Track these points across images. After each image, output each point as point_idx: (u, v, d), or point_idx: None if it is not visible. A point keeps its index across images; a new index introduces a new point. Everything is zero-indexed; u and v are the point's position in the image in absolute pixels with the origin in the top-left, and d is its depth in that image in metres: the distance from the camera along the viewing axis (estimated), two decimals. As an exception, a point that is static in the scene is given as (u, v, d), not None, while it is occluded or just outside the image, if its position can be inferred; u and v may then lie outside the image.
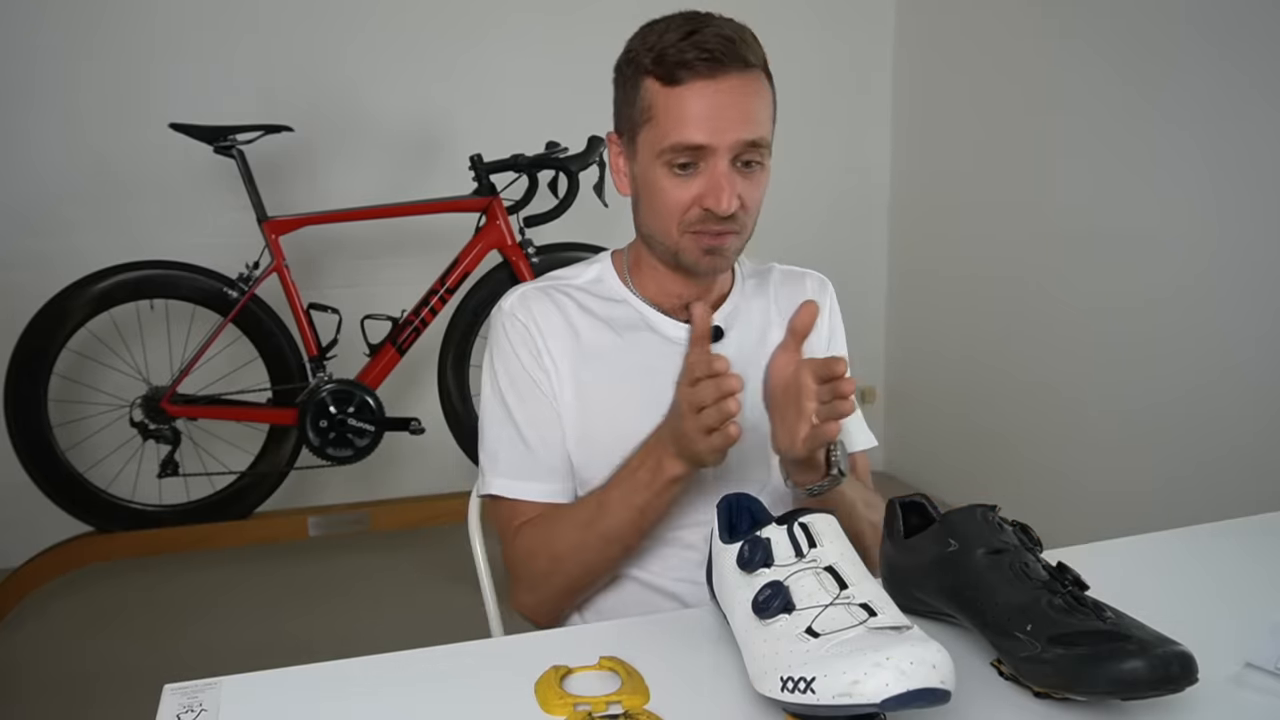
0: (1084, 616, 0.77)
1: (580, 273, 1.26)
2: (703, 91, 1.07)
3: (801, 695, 0.70)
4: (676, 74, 1.07)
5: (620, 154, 1.19)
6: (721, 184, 1.08)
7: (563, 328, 1.20)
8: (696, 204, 1.10)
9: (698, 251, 1.13)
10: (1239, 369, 2.34)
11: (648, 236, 1.18)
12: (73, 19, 2.82)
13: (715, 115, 1.07)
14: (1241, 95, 2.32)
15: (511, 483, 1.19)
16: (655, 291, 1.23)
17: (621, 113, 1.17)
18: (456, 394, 2.86)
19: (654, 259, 1.21)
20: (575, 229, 2.81)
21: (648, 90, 1.11)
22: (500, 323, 1.21)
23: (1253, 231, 2.31)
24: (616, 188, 1.22)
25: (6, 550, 2.75)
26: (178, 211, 2.95)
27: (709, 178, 1.09)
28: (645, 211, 1.16)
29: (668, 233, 1.14)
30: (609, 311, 1.22)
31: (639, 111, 1.12)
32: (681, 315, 1.22)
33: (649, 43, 1.11)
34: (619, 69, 1.17)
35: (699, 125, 1.07)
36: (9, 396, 2.61)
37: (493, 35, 3.13)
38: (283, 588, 2.83)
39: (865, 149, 3.57)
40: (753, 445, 1.21)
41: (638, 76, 1.12)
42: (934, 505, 0.96)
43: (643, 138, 1.12)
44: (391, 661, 0.87)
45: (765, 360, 1.23)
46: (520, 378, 1.19)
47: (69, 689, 2.34)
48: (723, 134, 1.07)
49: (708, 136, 1.07)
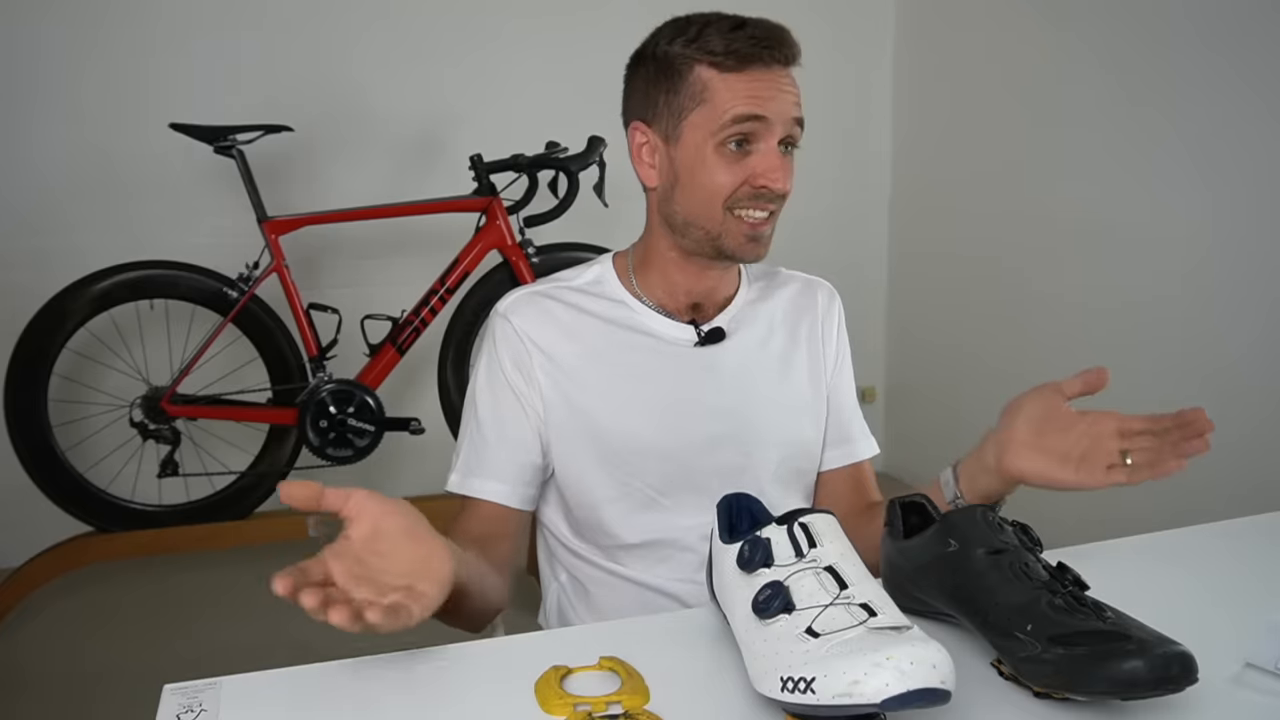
0: (1084, 616, 0.77)
1: (579, 274, 1.25)
2: (761, 76, 1.10)
3: (801, 695, 0.70)
4: (732, 61, 1.10)
5: (646, 143, 1.17)
6: (777, 161, 1.11)
7: (554, 333, 1.19)
8: (747, 183, 1.11)
9: (741, 238, 1.13)
10: (1238, 368, 2.35)
11: (685, 224, 1.16)
12: (75, 18, 2.82)
13: (770, 99, 1.10)
14: (1237, 94, 2.32)
15: (463, 479, 1.19)
16: (661, 289, 1.22)
17: (656, 101, 1.15)
18: (456, 394, 2.86)
19: (672, 250, 1.19)
20: (575, 229, 2.80)
21: (700, 76, 1.11)
22: (492, 325, 1.21)
23: (1253, 230, 2.31)
24: (640, 177, 1.19)
25: (6, 550, 2.75)
26: (178, 211, 2.95)
27: (763, 158, 1.11)
28: (686, 194, 1.14)
29: (712, 215, 1.13)
30: (606, 312, 1.21)
31: (688, 97, 1.12)
32: (686, 316, 1.22)
33: (688, 35, 1.11)
34: (648, 60, 1.16)
35: (758, 101, 1.09)
36: (9, 396, 2.61)
37: (493, 35, 3.13)
38: (283, 587, 2.83)
39: (865, 149, 3.57)
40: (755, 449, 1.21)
41: (685, 66, 1.12)
42: (934, 505, 0.96)
43: (693, 119, 1.12)
44: (391, 661, 0.87)
45: (766, 365, 1.24)
46: (497, 379, 1.19)
47: (69, 689, 2.34)
48: (780, 111, 1.10)
49: (767, 110, 1.09)
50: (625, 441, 1.16)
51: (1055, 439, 1.03)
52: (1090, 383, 1.04)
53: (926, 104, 3.44)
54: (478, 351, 1.24)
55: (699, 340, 1.21)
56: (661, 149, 1.16)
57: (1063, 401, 1.04)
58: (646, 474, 1.17)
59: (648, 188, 1.20)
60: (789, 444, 1.24)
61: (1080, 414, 1.03)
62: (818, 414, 1.28)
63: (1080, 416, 1.03)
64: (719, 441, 1.19)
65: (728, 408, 1.20)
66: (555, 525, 1.25)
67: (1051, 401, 1.04)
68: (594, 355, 1.19)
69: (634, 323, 1.21)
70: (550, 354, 1.18)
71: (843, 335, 1.32)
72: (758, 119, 1.09)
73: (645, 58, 1.16)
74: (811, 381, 1.27)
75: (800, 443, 1.26)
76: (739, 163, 1.11)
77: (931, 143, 3.42)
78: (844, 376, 1.31)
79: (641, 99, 1.17)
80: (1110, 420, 1.02)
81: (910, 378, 3.59)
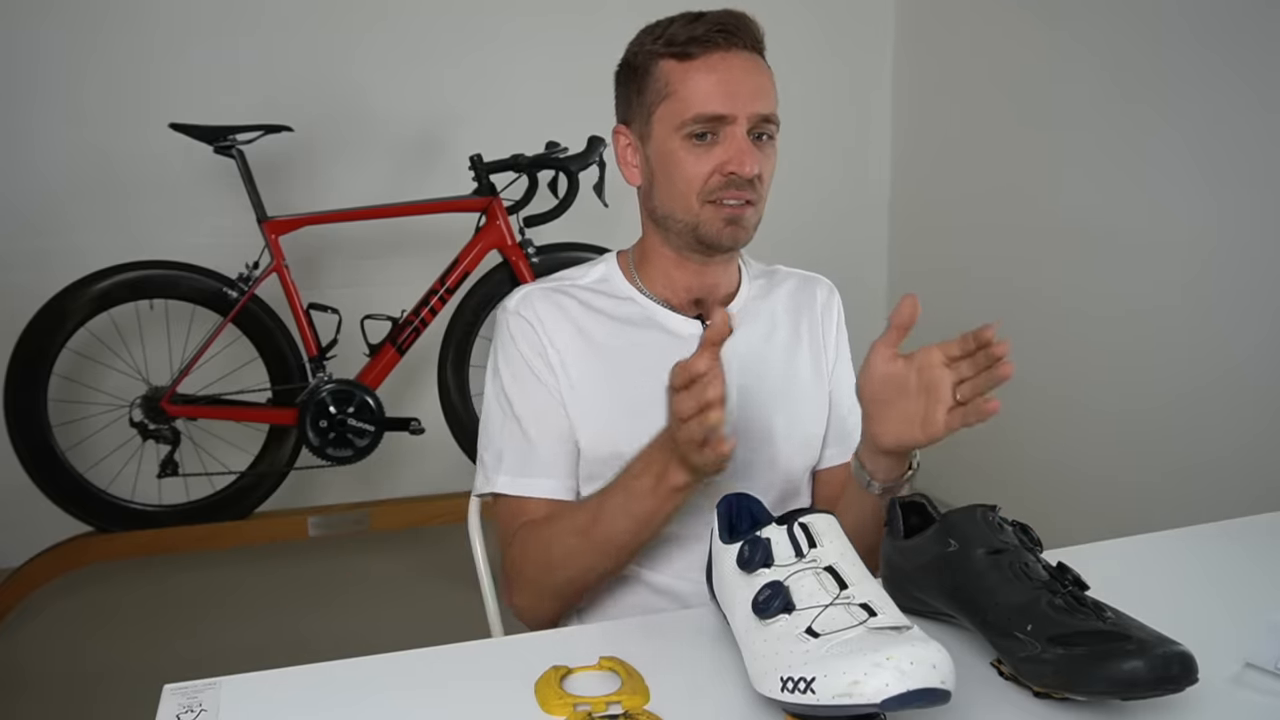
0: (1084, 616, 0.77)
1: (585, 273, 1.26)
2: (718, 64, 1.12)
3: (801, 695, 0.70)
4: (691, 49, 1.12)
5: (629, 144, 1.21)
6: (743, 148, 1.12)
7: (569, 328, 1.20)
8: (717, 171, 1.12)
9: (719, 223, 1.14)
10: (1238, 369, 2.34)
11: (664, 218, 1.18)
12: (75, 18, 2.82)
13: (731, 86, 1.11)
14: (1239, 97, 2.32)
15: (514, 480, 1.18)
16: (663, 287, 1.23)
17: (631, 102, 1.19)
18: (456, 394, 2.86)
19: (666, 248, 1.21)
20: (575, 229, 2.80)
21: (663, 70, 1.14)
22: (505, 322, 1.21)
23: (1252, 232, 2.31)
24: (626, 178, 1.22)
25: (6, 550, 2.74)
26: (178, 211, 2.94)
27: (729, 145, 1.12)
28: (662, 190, 1.17)
29: (687, 207, 1.15)
30: (616, 310, 1.22)
31: (653, 92, 1.15)
32: (690, 311, 1.23)
33: (655, 34, 1.16)
34: (624, 67, 1.20)
35: (717, 96, 1.11)
36: (9, 397, 2.61)
37: (493, 35, 3.13)
38: (283, 588, 2.84)
39: (865, 150, 3.57)
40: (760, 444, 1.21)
41: (649, 63, 1.15)
42: (934, 505, 0.96)
43: (659, 114, 1.15)
44: (391, 661, 0.87)
45: (771, 360, 1.24)
46: (523, 374, 1.19)
47: (69, 689, 2.34)
48: (740, 104, 1.11)
49: (727, 106, 1.11)
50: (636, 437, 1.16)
51: (899, 404, 1.01)
52: (900, 324, 1.02)
53: (926, 109, 3.43)
54: (491, 352, 1.23)
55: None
56: (639, 148, 1.19)
57: (891, 358, 1.02)
58: None
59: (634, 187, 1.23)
60: (796, 439, 1.24)
61: (907, 360, 1.02)
62: (821, 408, 1.28)
63: (908, 363, 1.01)
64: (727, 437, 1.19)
65: (737, 403, 1.20)
66: None
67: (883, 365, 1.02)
68: (606, 350, 1.19)
69: (643, 319, 1.22)
70: (565, 347, 1.19)
71: (842, 331, 1.33)
72: (719, 118, 1.11)
73: (622, 64, 1.21)
74: (814, 376, 1.28)
75: (805, 438, 1.26)
76: (707, 152, 1.13)
77: (931, 148, 3.42)
78: (844, 373, 1.32)
79: (621, 103, 1.21)
80: (933, 353, 1.00)
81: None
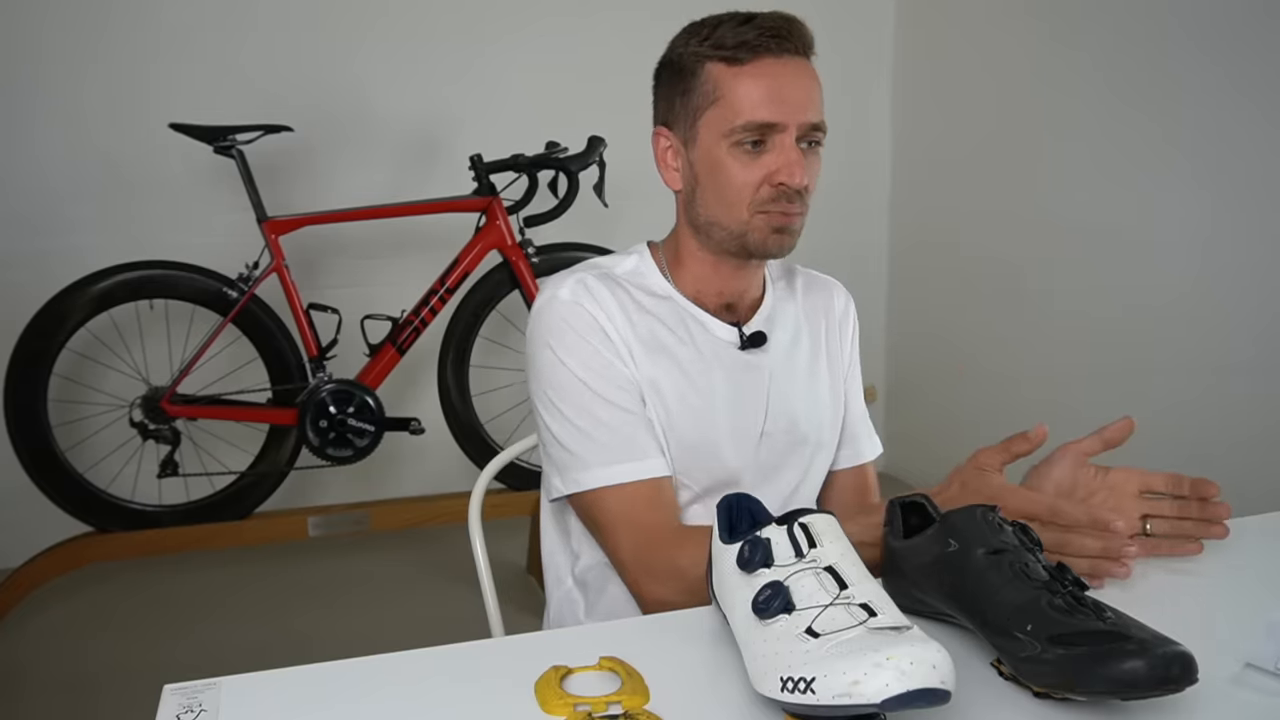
0: (1084, 616, 0.77)
1: (618, 263, 1.22)
2: (769, 69, 1.09)
3: (801, 695, 0.70)
4: (741, 54, 1.09)
5: (670, 147, 1.18)
6: (794, 159, 1.09)
7: (622, 317, 1.16)
8: (766, 182, 1.10)
9: (767, 230, 1.12)
10: (1238, 369, 2.34)
11: (708, 224, 1.15)
12: (76, 19, 2.82)
13: (783, 93, 1.09)
14: (1239, 97, 2.32)
15: (609, 469, 1.11)
16: (694, 289, 1.21)
17: (674, 105, 1.15)
18: (456, 394, 2.86)
19: (704, 251, 1.18)
20: (575, 229, 2.80)
21: (711, 74, 1.11)
22: (559, 314, 1.15)
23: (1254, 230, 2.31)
24: (665, 181, 1.20)
25: (6, 550, 2.74)
26: (178, 211, 2.94)
27: (779, 154, 1.09)
28: (708, 197, 1.14)
29: (736, 216, 1.13)
30: (656, 306, 1.19)
31: (701, 96, 1.12)
32: (726, 316, 1.21)
33: (702, 34, 1.12)
34: (666, 66, 1.17)
35: (768, 104, 1.08)
36: (9, 397, 2.61)
37: (493, 35, 3.12)
38: (283, 588, 2.84)
39: (865, 149, 3.57)
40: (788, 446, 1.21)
41: (696, 65, 1.12)
42: (934, 505, 0.96)
43: (707, 120, 1.12)
44: (391, 661, 0.87)
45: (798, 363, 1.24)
46: (597, 361, 1.14)
47: (69, 689, 2.34)
48: (791, 112, 1.09)
49: (778, 114, 1.08)
50: (704, 439, 1.16)
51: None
52: (1110, 440, 1.02)
53: (926, 104, 3.43)
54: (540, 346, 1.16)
55: (742, 344, 1.20)
56: (682, 152, 1.16)
57: (1085, 467, 1.03)
58: (692, 471, 1.17)
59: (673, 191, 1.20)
60: (818, 444, 1.25)
61: (1103, 475, 1.03)
62: (837, 414, 1.29)
63: (1103, 480, 1.03)
64: (761, 442, 1.20)
65: (772, 410, 1.20)
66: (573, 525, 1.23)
67: (1075, 471, 1.03)
68: (653, 344, 1.17)
69: (685, 318, 1.20)
70: (628, 335, 1.16)
71: (856, 339, 1.34)
72: (769, 126, 1.09)
73: (664, 63, 1.17)
74: (832, 383, 1.29)
75: (825, 444, 1.27)
76: (756, 160, 1.10)
77: (931, 143, 3.42)
78: (855, 378, 1.33)
79: (663, 104, 1.18)
80: (1133, 481, 1.02)
81: (911, 377, 3.59)
